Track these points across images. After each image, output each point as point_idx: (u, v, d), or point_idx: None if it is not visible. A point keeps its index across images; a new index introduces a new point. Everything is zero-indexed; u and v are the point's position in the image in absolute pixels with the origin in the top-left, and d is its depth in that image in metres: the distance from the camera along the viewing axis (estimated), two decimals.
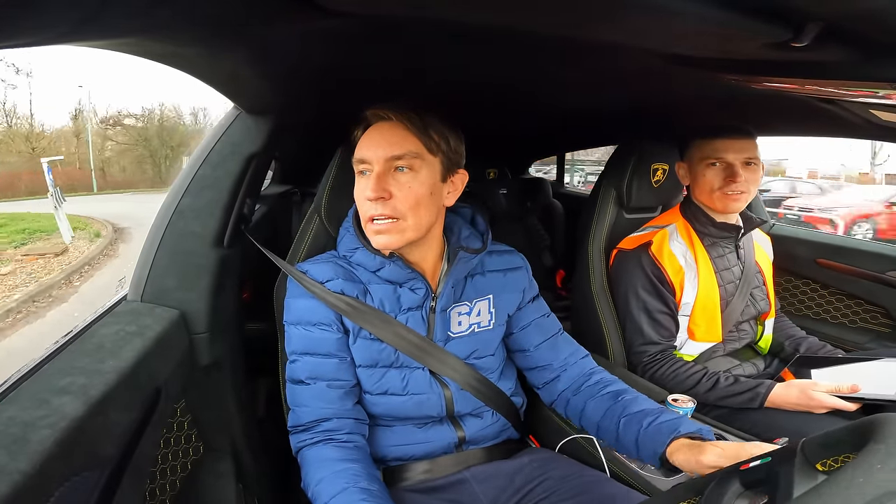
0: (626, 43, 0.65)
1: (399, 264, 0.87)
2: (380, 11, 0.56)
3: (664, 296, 1.28)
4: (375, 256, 0.87)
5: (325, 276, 0.89)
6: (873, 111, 0.88)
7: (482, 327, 0.96)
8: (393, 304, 0.89)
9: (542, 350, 1.01)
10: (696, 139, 1.28)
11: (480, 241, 0.96)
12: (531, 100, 1.31)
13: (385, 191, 0.80)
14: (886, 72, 0.59)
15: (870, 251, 1.66)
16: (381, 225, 0.82)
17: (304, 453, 0.85)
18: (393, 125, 0.83)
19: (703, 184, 1.26)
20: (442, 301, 0.91)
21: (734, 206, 1.25)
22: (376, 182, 0.80)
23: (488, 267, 0.98)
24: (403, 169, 0.82)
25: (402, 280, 0.89)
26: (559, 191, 2.98)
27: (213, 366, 0.94)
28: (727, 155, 1.22)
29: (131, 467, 0.64)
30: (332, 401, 0.87)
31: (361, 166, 0.84)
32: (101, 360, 0.66)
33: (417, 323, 0.90)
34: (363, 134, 0.85)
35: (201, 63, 0.68)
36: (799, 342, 1.42)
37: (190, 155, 0.98)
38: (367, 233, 0.84)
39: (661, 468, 0.83)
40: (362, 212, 0.85)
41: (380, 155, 0.82)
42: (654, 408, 0.88)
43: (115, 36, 0.45)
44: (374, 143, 0.83)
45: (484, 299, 0.96)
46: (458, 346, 0.93)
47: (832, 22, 0.47)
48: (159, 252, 0.88)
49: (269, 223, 1.41)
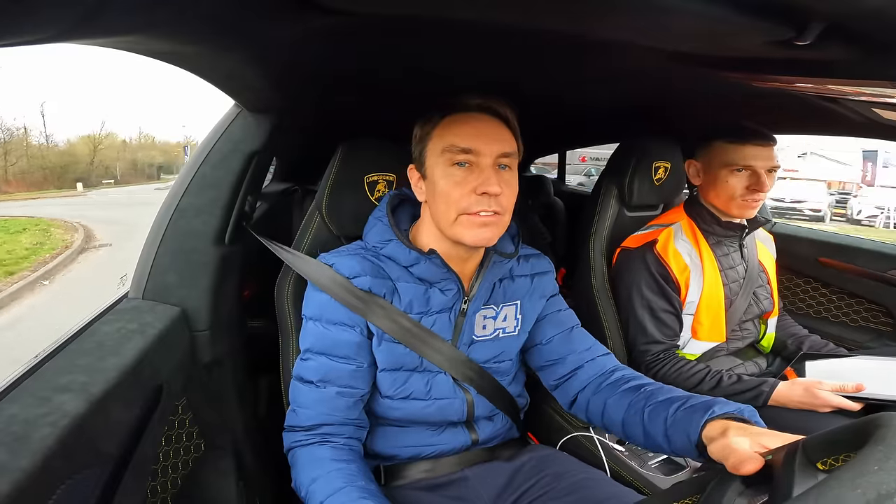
0: (629, 40, 0.65)
1: (436, 262, 0.82)
2: (380, 10, 0.56)
3: (668, 295, 1.28)
4: (410, 251, 0.83)
5: (353, 271, 0.84)
6: (875, 109, 0.88)
7: (507, 333, 0.92)
8: (422, 305, 0.85)
9: (555, 343, 0.95)
10: (718, 141, 1.24)
11: (512, 244, 0.93)
12: (533, 98, 1.31)
13: (500, 186, 0.76)
14: (889, 70, 0.59)
15: (871, 250, 1.65)
16: (486, 217, 0.77)
17: (297, 452, 0.82)
18: (497, 120, 0.80)
19: (724, 189, 1.23)
20: (474, 304, 0.88)
21: (751, 212, 1.24)
22: (496, 176, 0.76)
23: (516, 272, 0.94)
24: (506, 167, 0.79)
25: (434, 279, 0.85)
26: (560, 188, 2.97)
27: (215, 363, 0.94)
28: (756, 163, 1.19)
29: (133, 465, 0.64)
30: (339, 409, 0.83)
31: (464, 156, 0.77)
32: (102, 357, 0.66)
33: (444, 325, 0.87)
34: (453, 120, 0.79)
35: (202, 61, 0.68)
36: (802, 340, 1.42)
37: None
38: (461, 226, 0.78)
39: (702, 458, 0.67)
40: (458, 205, 0.77)
41: (494, 149, 0.77)
42: (682, 395, 0.78)
43: (116, 34, 0.45)
44: (485, 135, 0.77)
45: (512, 305, 0.93)
46: (480, 349, 0.90)
47: (836, 20, 0.47)
48: (161, 250, 0.89)
49: (269, 221, 1.41)
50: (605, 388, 0.88)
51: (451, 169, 0.78)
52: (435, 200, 0.80)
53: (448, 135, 0.78)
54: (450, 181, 0.78)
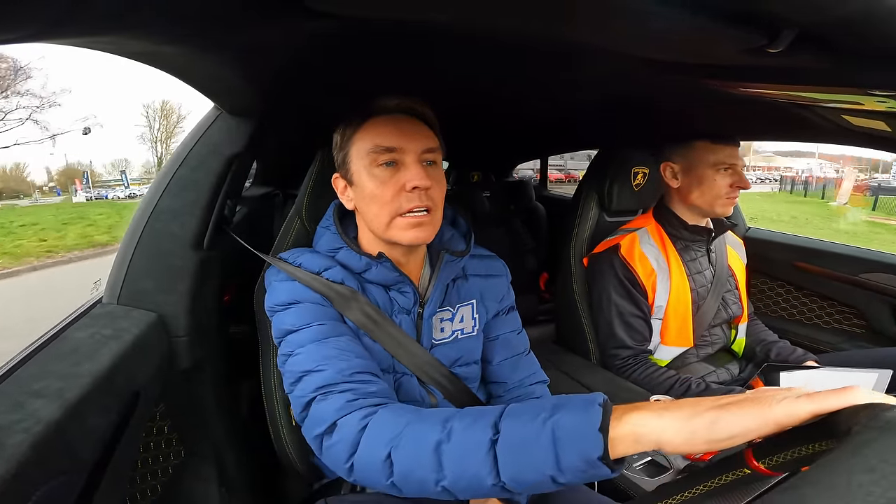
0: (608, 48, 0.66)
1: (388, 266, 0.81)
2: (365, 14, 0.56)
3: (636, 299, 1.29)
4: (361, 257, 0.81)
5: (322, 265, 0.81)
6: (845, 116, 0.91)
7: (465, 334, 0.91)
8: (387, 305, 0.83)
9: (504, 367, 0.95)
10: (702, 142, 1.27)
11: (464, 242, 0.92)
12: (515, 104, 1.32)
13: (429, 180, 0.76)
14: (857, 77, 0.61)
15: (844, 254, 1.71)
16: (418, 216, 0.77)
17: (341, 428, 0.64)
18: (417, 120, 0.80)
19: (710, 187, 1.26)
20: (429, 307, 0.86)
21: (731, 209, 1.29)
22: (423, 170, 0.76)
23: (470, 271, 0.94)
24: (431, 163, 0.79)
25: (390, 282, 0.83)
26: (542, 194, 3.00)
27: (194, 369, 0.92)
28: (738, 161, 1.25)
29: (110, 471, 0.64)
30: (357, 357, 0.73)
31: (389, 156, 0.76)
32: (76, 363, 0.65)
33: (409, 328, 0.85)
34: (374, 123, 0.78)
35: (182, 63, 0.67)
36: (769, 347, 1.43)
37: None
38: (396, 228, 0.78)
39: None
40: (392, 206, 0.77)
41: (418, 145, 0.77)
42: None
43: (93, 34, 0.44)
44: (408, 133, 0.77)
45: (467, 304, 0.92)
46: (441, 353, 0.88)
47: (806, 28, 0.48)
48: (136, 254, 0.87)
49: (250, 225, 1.39)
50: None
51: (377, 170, 0.77)
52: (366, 205, 0.80)
53: (371, 136, 0.78)
54: (377, 182, 0.77)
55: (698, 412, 0.46)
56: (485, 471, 0.53)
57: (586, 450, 0.49)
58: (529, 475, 0.52)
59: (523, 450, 0.52)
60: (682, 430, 0.46)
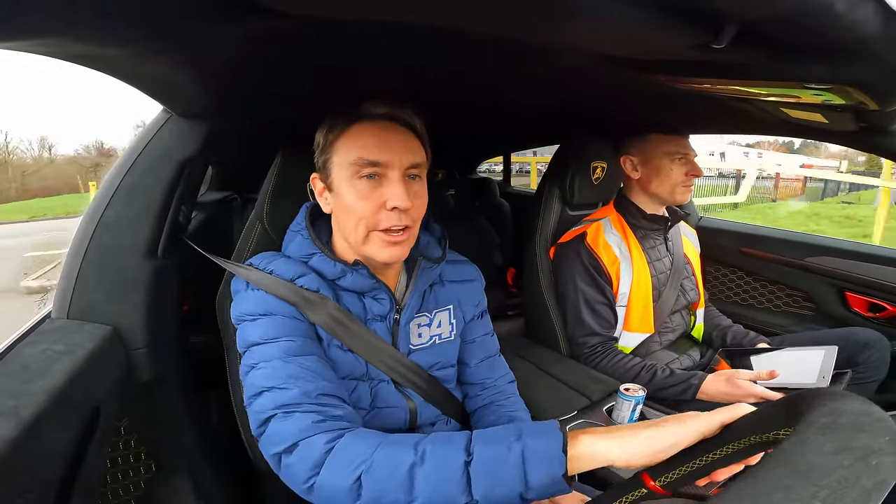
0: (566, 45, 0.68)
1: (363, 273, 0.79)
2: (322, 13, 0.55)
3: (602, 286, 1.34)
4: (336, 264, 0.79)
5: (295, 272, 0.79)
6: (784, 109, 0.96)
7: (443, 339, 0.92)
8: (360, 312, 0.83)
9: (482, 368, 0.98)
10: (657, 134, 1.35)
11: (439, 248, 0.92)
12: (477, 102, 1.33)
13: (410, 200, 0.73)
14: (794, 72, 0.65)
15: (788, 240, 1.80)
16: (396, 236, 0.75)
17: (302, 451, 0.63)
18: (405, 129, 0.77)
19: (668, 176, 1.33)
20: (406, 313, 0.86)
21: (688, 197, 1.36)
22: (407, 189, 0.74)
23: (446, 277, 0.94)
24: (415, 177, 0.77)
25: (365, 289, 0.82)
26: (506, 190, 3.04)
27: (156, 381, 0.89)
28: (690, 151, 1.33)
29: (78, 488, 0.62)
30: (326, 378, 0.71)
31: (372, 169, 0.74)
32: (28, 380, 0.63)
33: (384, 334, 0.84)
34: (360, 130, 0.75)
35: (127, 65, 0.64)
36: (725, 332, 1.51)
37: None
38: (373, 243, 0.76)
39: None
40: (368, 221, 0.75)
41: (403, 161, 0.74)
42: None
43: (32, 36, 0.42)
44: (393, 147, 0.74)
45: (444, 310, 0.92)
46: (419, 358, 0.88)
47: (747, 24, 0.51)
48: (84, 266, 0.82)
49: (207, 231, 1.34)
50: (492, 407, 0.95)
51: (358, 182, 0.75)
52: (344, 215, 0.77)
53: (355, 147, 0.75)
54: (357, 195, 0.75)
55: (637, 432, 0.55)
56: (458, 490, 0.57)
57: (552, 469, 0.55)
58: (500, 493, 0.56)
59: (495, 471, 0.57)
60: (628, 446, 0.55)
